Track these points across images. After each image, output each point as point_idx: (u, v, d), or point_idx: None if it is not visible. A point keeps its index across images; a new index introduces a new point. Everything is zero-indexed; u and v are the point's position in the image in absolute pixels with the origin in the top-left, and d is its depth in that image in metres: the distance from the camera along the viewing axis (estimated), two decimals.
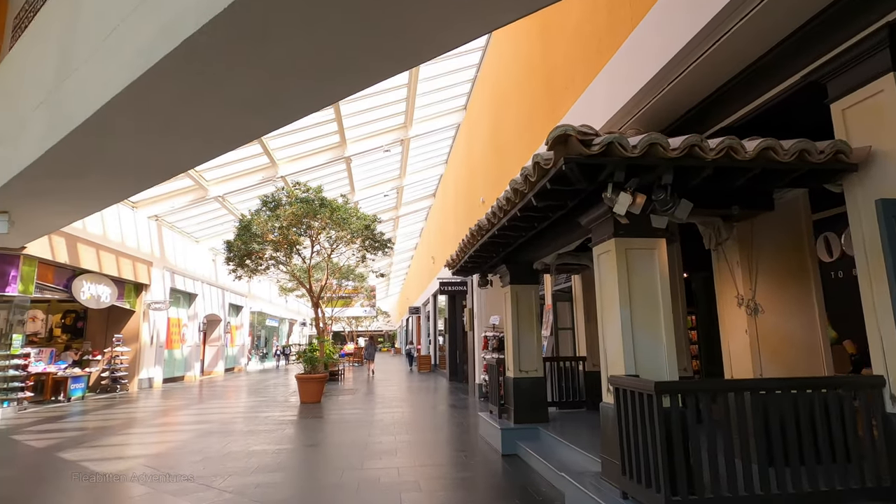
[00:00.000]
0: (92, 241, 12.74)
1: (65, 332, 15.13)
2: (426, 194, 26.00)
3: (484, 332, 11.56)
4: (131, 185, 6.46)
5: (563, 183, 3.40)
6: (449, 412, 9.82)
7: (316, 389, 11.33)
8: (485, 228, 5.19)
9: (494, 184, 11.18)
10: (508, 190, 4.01)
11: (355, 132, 16.78)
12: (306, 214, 12.22)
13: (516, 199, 3.92)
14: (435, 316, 21.67)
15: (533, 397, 6.50)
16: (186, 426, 8.85)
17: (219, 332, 21.58)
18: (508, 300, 6.79)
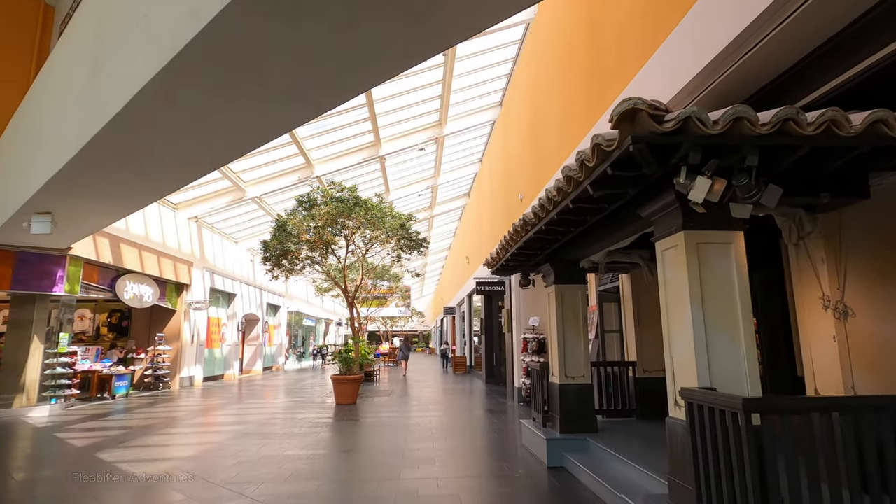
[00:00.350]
0: (134, 241, 12.94)
1: (111, 331, 15.50)
2: (460, 193, 25.66)
3: (523, 334, 11.11)
4: (166, 182, 6.35)
5: (628, 167, 2.97)
6: (487, 417, 9.43)
7: (351, 391, 11.13)
8: (530, 223, 4.79)
9: (532, 180, 10.72)
10: (559, 179, 3.60)
11: (390, 131, 16.59)
12: (341, 214, 12.06)
13: (569, 188, 3.50)
14: (470, 316, 21.29)
15: (580, 405, 6.04)
16: (223, 427, 8.77)
17: (257, 331, 21.82)
18: (552, 301, 6.34)
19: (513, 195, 12.29)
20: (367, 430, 8.14)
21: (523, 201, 11.30)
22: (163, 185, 6.47)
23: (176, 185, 6.53)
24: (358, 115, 14.88)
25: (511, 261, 6.53)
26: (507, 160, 13.37)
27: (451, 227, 31.07)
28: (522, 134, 11.84)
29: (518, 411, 10.12)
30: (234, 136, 4.99)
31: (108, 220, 8.26)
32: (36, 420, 9.45)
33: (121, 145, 5.14)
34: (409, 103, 15.31)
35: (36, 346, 10.48)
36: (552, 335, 6.42)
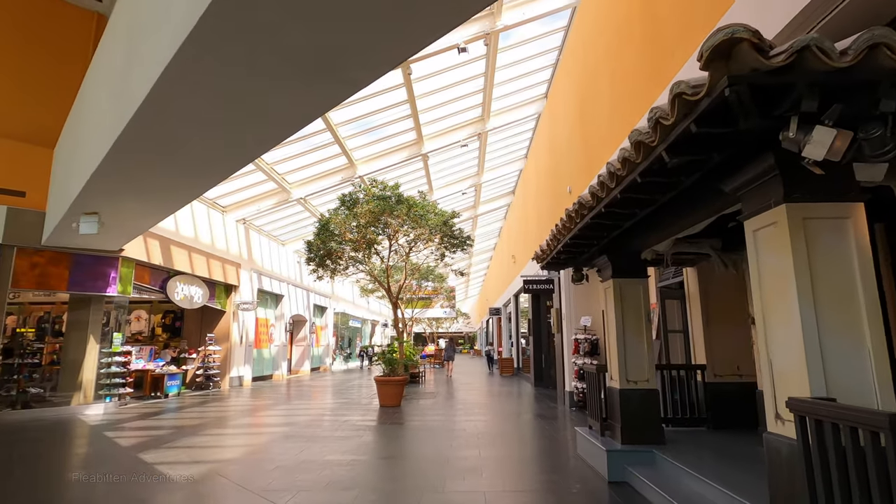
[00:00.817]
0: (184, 243, 13.14)
1: (165, 331, 15.88)
2: (505, 191, 25.03)
3: (574, 335, 10.43)
4: (200, 177, 6.16)
5: (718, 122, 2.37)
6: (537, 423, 8.82)
7: (395, 393, 10.77)
8: (587, 206, 4.21)
9: (582, 171, 10.04)
10: (624, 149, 3.03)
11: (432, 128, 16.24)
12: (383, 212, 11.76)
13: (637, 157, 2.93)
14: (517, 317, 20.62)
15: (644, 413, 5.38)
16: (267, 428, 8.59)
17: (304, 332, 21.98)
18: (610, 297, 5.71)
19: (561, 189, 11.63)
20: (410, 435, 7.72)
21: (572, 194, 10.63)
22: (199, 179, 6.29)
23: (210, 180, 6.33)
24: (400, 113, 14.61)
25: (563, 253, 5.94)
26: (555, 153, 12.70)
27: (495, 226, 30.47)
28: (570, 124, 11.17)
29: (570, 417, 9.45)
30: (263, 121, 4.68)
31: (152, 220, 8.25)
32: (90, 417, 9.62)
33: (152, 136, 4.94)
34: (450, 98, 14.90)
35: (92, 345, 10.72)
36: (610, 335, 5.78)
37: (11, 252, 9.65)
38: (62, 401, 10.40)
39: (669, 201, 3.80)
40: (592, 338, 10.20)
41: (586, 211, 4.28)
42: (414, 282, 23.13)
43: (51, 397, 10.59)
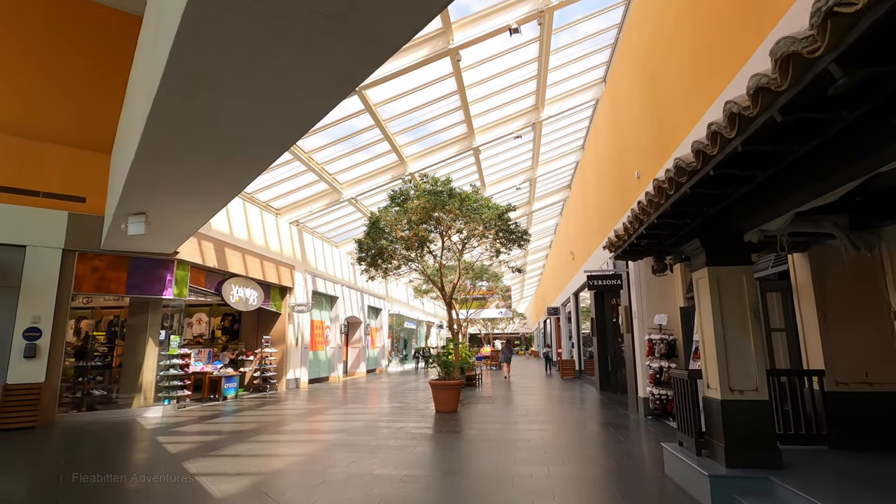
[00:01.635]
0: (238, 245, 13.07)
1: (224, 334, 16.00)
2: (560, 186, 23.85)
3: (647, 335, 9.33)
4: (237, 163, 5.70)
5: None
6: (609, 434, 7.83)
7: (451, 397, 10.08)
8: (688, 170, 3.31)
9: (652, 153, 8.96)
10: (763, 73, 2.15)
11: (483, 120, 15.48)
12: (434, 207, 11.12)
13: (783, 80, 2.05)
14: (577, 317, 19.43)
15: (755, 429, 4.37)
16: (318, 435, 8.11)
17: (359, 334, 21.77)
18: (705, 290, 4.73)
19: (627, 175, 10.54)
20: (468, 446, 6.98)
21: (641, 179, 9.55)
22: (235, 167, 5.85)
23: (247, 168, 5.86)
24: (449, 105, 13.96)
25: (646, 237, 5.01)
26: (619, 138, 11.60)
27: (551, 223, 29.24)
28: (636, 104, 10.08)
29: (646, 427, 8.39)
30: (294, 90, 4.09)
31: (199, 219, 7.98)
32: (148, 420, 9.55)
33: (180, 112, 4.48)
34: (502, 87, 14.09)
35: (151, 348, 10.72)
36: (706, 335, 4.80)
37: (73, 257, 9.76)
38: (124, 403, 10.45)
39: (806, 154, 2.84)
40: (669, 338, 9.08)
41: (685, 178, 3.38)
42: (468, 281, 22.42)
43: (115, 399, 10.68)
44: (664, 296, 9.56)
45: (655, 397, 8.97)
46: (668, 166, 3.70)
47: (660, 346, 9.09)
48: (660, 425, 8.47)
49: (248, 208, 14.04)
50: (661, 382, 8.97)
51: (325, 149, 13.92)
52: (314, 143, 13.56)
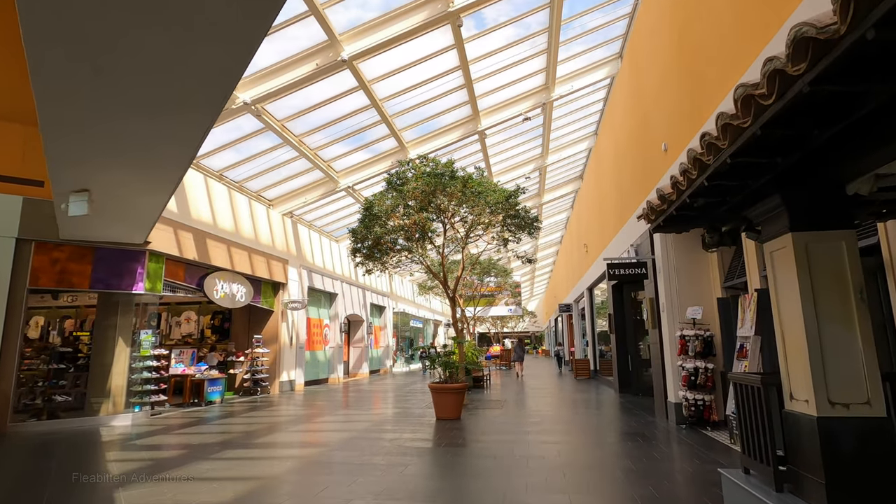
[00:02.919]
0: (223, 237, 11.91)
1: (214, 333, 14.89)
2: (572, 176, 22.48)
3: (679, 331, 7.99)
4: (160, 133, 4.51)
5: None
6: (639, 448, 6.51)
7: (454, 403, 8.81)
8: (765, 94, 2.02)
9: (683, 122, 7.62)
10: None
11: (489, 101, 14.21)
12: (434, 189, 9.87)
13: None
14: (592, 313, 18.06)
15: (872, 462, 3.05)
16: (294, 449, 6.89)
17: (362, 332, 20.58)
18: (788, 264, 3.41)
19: (651, 151, 9.21)
20: (469, 465, 5.71)
21: (669, 151, 8.22)
22: (162, 134, 4.64)
23: (181, 136, 4.65)
24: (453, 82, 12.70)
25: (703, 193, 3.69)
26: (640, 111, 10.25)
27: (561, 217, 27.83)
28: (662, 68, 8.74)
29: (678, 437, 7.06)
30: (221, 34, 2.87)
31: (156, 200, 6.80)
32: (113, 430, 8.41)
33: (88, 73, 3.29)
34: (509, 62, 12.80)
35: (121, 349, 9.60)
36: (788, 326, 3.48)
37: (29, 247, 8.66)
38: (91, 410, 9.31)
39: None
40: (705, 334, 7.73)
41: (770, 98, 2.08)
42: (475, 278, 21.15)
43: (81, 406, 9.56)
44: (698, 285, 8.22)
45: (690, 403, 7.62)
46: (720, 111, 2.45)
47: (694, 343, 7.75)
48: (696, 436, 7.13)
49: (235, 197, 12.89)
50: (698, 386, 7.62)
51: (316, 132, 12.73)
52: (304, 125, 12.38)
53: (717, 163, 3.01)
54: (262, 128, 11.66)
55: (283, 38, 10.12)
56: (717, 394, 7.71)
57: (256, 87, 10.25)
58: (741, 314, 6.88)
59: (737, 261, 7.70)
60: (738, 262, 7.64)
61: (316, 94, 11.60)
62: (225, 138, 11.82)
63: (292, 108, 11.73)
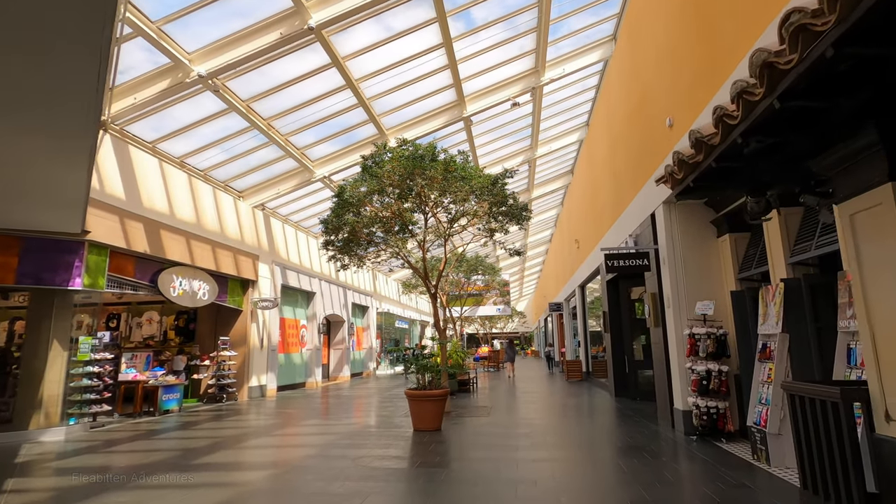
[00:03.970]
0: (181, 229, 10.73)
1: (178, 335, 13.65)
2: (562, 171, 21.55)
3: (688, 329, 6.99)
4: (51, 64, 3.39)
5: None
6: (648, 467, 5.48)
7: (433, 412, 7.73)
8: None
9: (692, 92, 6.62)
10: None
11: (475, 84, 13.19)
12: (412, 173, 8.80)
13: None
14: (584, 311, 17.09)
15: None
16: (235, 473, 5.76)
17: (342, 334, 19.41)
18: (887, 227, 2.40)
19: (653, 129, 8.22)
20: (446, 495, 4.64)
21: (675, 127, 7.23)
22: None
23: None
24: (436, 62, 11.65)
25: (765, 129, 2.64)
26: (639, 87, 9.27)
27: (551, 214, 26.89)
28: (666, 37, 7.75)
29: (689, 450, 6.05)
30: None
31: (73, 177, 5.62)
32: (41, 446, 7.22)
33: None
34: (497, 40, 11.79)
35: (56, 353, 8.39)
36: (885, 316, 2.46)
37: None
38: (19, 423, 8.08)
39: None
40: (718, 332, 6.74)
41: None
42: (462, 276, 20.09)
43: (9, 418, 8.33)
44: (708, 277, 7.24)
45: (701, 410, 6.62)
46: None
47: (705, 342, 6.76)
48: (711, 450, 6.13)
49: (197, 186, 11.70)
50: (710, 391, 6.63)
51: (287, 115, 11.59)
52: (272, 107, 11.24)
53: (804, 67, 1.97)
54: (225, 108, 10.52)
55: (242, 2, 9.02)
56: (731, 400, 6.73)
57: (213, 58, 9.11)
58: (762, 309, 5.91)
59: (753, 249, 6.73)
60: (754, 250, 6.67)
61: (283, 72, 10.48)
62: (184, 119, 10.66)
63: (258, 87, 10.60)
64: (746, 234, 6.95)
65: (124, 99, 9.17)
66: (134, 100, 9.11)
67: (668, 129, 7.45)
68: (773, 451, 5.31)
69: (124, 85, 9.15)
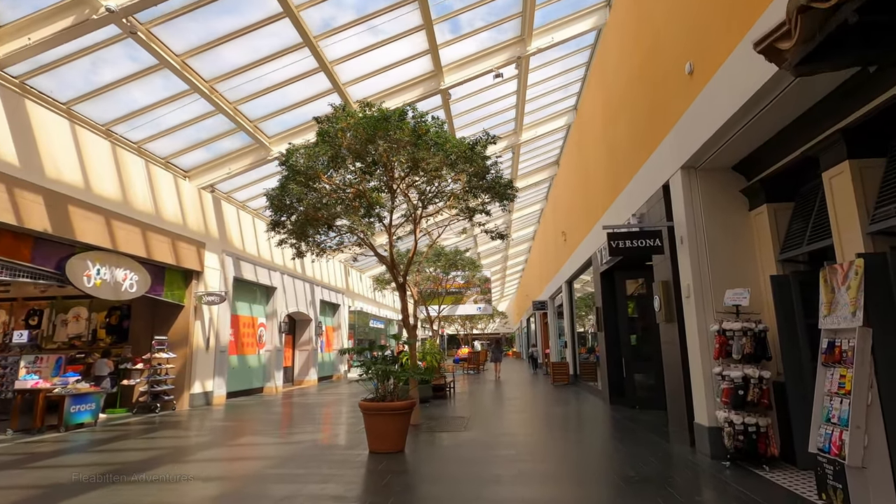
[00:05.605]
0: (99, 206, 8.87)
1: (110, 334, 11.72)
2: (547, 162, 20.08)
3: (716, 324, 5.45)
4: None
5: None
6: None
7: (394, 430, 6.05)
8: None
9: (725, 21, 5.10)
10: None
11: (454, 51, 11.60)
12: (373, 136, 7.15)
13: None
14: (571, 309, 15.59)
15: None
16: None
17: (309, 333, 17.58)
18: None
19: (668, 80, 6.68)
20: None
21: (695, 75, 5.72)
22: None
23: None
24: (409, 21, 10.01)
25: None
26: (651, 35, 7.69)
27: (534, 210, 25.41)
28: None
29: (724, 483, 4.48)
30: None
31: None
32: None
33: None
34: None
35: None
36: None
37: None
38: None
39: None
40: (757, 327, 5.22)
41: None
42: (440, 271, 18.44)
43: None
44: (740, 259, 5.73)
45: (736, 429, 5.09)
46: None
47: (740, 341, 5.23)
48: (754, 482, 4.58)
49: (125, 158, 9.83)
50: (747, 403, 5.10)
51: (233, 77, 9.82)
52: (214, 66, 9.47)
53: None
54: (155, 64, 8.73)
55: None
56: (772, 415, 5.22)
57: None
58: (826, 296, 4.37)
59: (801, 221, 5.24)
60: (803, 223, 5.17)
61: (224, 23, 8.75)
62: (108, 77, 8.82)
63: (195, 37, 8.82)
64: (789, 205, 5.46)
65: (17, 39, 7.33)
66: (28, 40, 7.27)
67: (688, 78, 5.93)
68: (855, 490, 3.78)
69: (16, 23, 7.31)
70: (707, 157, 5.68)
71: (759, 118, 4.69)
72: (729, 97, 4.75)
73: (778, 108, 4.50)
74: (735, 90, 4.63)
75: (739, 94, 4.54)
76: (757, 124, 4.82)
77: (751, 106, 4.52)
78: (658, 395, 9.30)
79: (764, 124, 4.83)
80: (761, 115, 4.62)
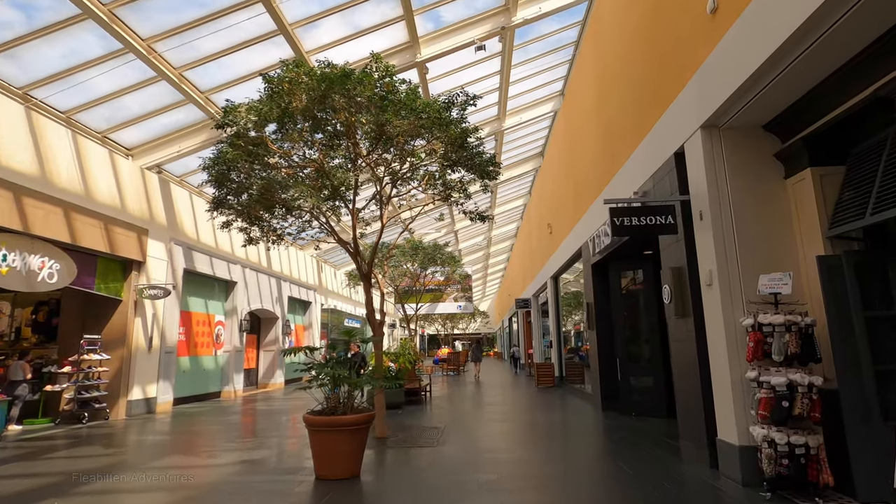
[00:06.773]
0: (5, 179, 7.40)
1: (36, 332, 10.17)
2: (532, 152, 18.99)
3: (750, 318, 4.31)
4: None
5: None
6: None
7: (345, 452, 4.77)
8: None
9: None
10: None
11: (432, 18, 10.42)
12: (327, 94, 5.88)
13: None
14: (557, 307, 14.48)
15: None
16: None
17: (275, 333, 16.13)
18: None
19: (681, 28, 5.57)
20: None
21: (719, 13, 4.59)
22: None
23: None
24: None
25: None
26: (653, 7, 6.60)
27: (517, 205, 24.33)
28: None
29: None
30: None
31: None
32: None
33: None
34: None
35: None
36: None
37: None
38: None
39: None
40: (802, 321, 4.10)
41: None
42: (418, 267, 17.18)
43: None
44: (775, 238, 4.62)
45: (779, 450, 3.95)
46: None
47: (782, 338, 4.09)
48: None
49: (45, 127, 8.36)
50: (794, 417, 3.97)
51: (172, 36, 8.43)
52: (150, 23, 8.06)
53: None
54: (78, 14, 7.31)
55: None
56: (823, 431, 4.10)
57: None
58: None
59: (853, 189, 4.14)
60: (861, 189, 4.07)
61: None
62: (13, 29, 7.36)
63: None
64: (839, 168, 4.36)
65: None
66: None
67: (709, 19, 4.80)
68: None
69: None
70: (734, 112, 4.57)
71: (808, 56, 3.58)
72: (767, 32, 3.63)
73: (835, 40, 3.38)
74: (776, 22, 3.51)
75: (784, 26, 3.42)
76: (803, 64, 3.70)
77: (798, 39, 3.40)
78: (658, 401, 8.21)
79: (813, 65, 3.71)
80: (812, 49, 3.50)
